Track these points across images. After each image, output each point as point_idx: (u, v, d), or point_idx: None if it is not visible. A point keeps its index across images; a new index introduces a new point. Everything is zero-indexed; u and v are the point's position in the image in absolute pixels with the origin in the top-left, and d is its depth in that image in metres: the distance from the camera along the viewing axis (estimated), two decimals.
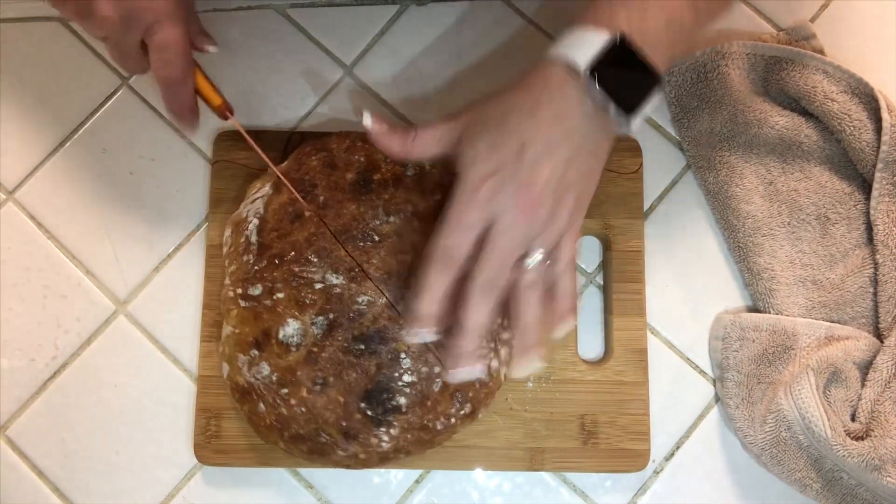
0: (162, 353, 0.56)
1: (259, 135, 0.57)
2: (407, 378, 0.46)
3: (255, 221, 0.50)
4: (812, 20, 0.61)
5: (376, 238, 0.48)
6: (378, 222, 0.49)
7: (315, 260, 0.48)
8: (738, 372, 0.54)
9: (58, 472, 0.55)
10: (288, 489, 0.54)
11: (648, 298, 0.56)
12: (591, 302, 0.57)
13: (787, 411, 0.51)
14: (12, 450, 0.55)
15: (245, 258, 0.49)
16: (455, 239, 0.41)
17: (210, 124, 0.59)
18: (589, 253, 0.58)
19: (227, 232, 0.52)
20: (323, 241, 0.48)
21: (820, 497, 0.52)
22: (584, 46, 0.40)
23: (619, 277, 0.55)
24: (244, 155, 0.57)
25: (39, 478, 0.55)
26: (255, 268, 0.48)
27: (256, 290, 0.48)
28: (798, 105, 0.58)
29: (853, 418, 0.51)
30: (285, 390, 0.47)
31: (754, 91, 0.58)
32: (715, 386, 0.56)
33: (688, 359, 0.56)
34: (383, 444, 0.47)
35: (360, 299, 0.47)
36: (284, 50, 0.60)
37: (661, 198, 0.59)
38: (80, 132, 0.60)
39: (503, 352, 0.49)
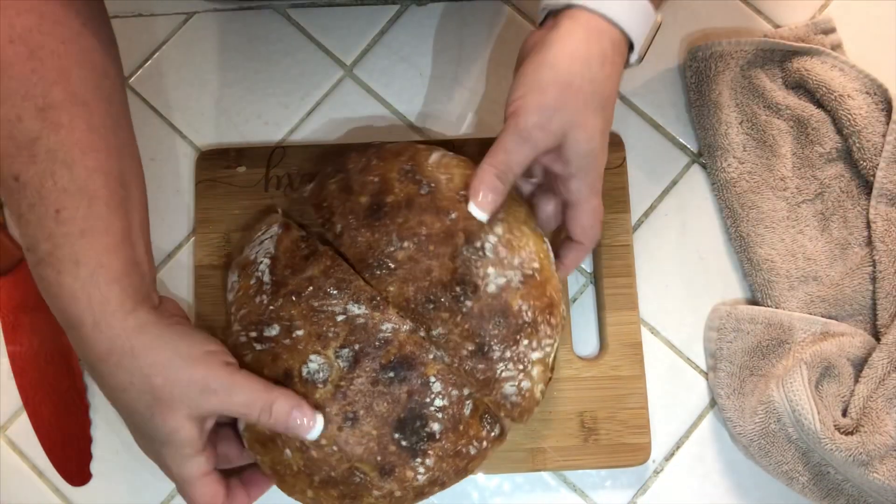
0: None
1: (241, 152, 0.59)
2: (438, 402, 0.47)
3: (267, 261, 0.51)
4: (811, 20, 0.63)
5: (391, 265, 0.48)
6: (392, 248, 0.49)
7: (335, 292, 0.48)
8: (731, 363, 0.56)
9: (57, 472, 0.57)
10: None
11: (648, 298, 0.59)
12: (583, 298, 0.58)
13: (778, 403, 0.53)
14: (12, 450, 0.57)
15: (258, 299, 0.50)
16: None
17: (192, 143, 0.60)
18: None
19: (234, 276, 0.53)
20: (340, 273, 0.49)
21: (806, 491, 0.55)
22: (641, 23, 0.46)
23: (609, 273, 0.58)
24: (227, 174, 0.59)
25: (39, 478, 0.57)
26: (270, 307, 0.49)
27: (273, 331, 0.48)
28: (807, 101, 0.60)
29: (844, 414, 0.54)
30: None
31: (767, 86, 0.60)
32: (707, 376, 0.57)
33: (688, 359, 0.58)
34: (419, 477, 0.48)
35: (384, 327, 0.47)
36: (284, 50, 0.62)
37: (661, 197, 0.61)
38: None
39: (535, 371, 0.49)
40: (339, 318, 0.47)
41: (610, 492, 0.57)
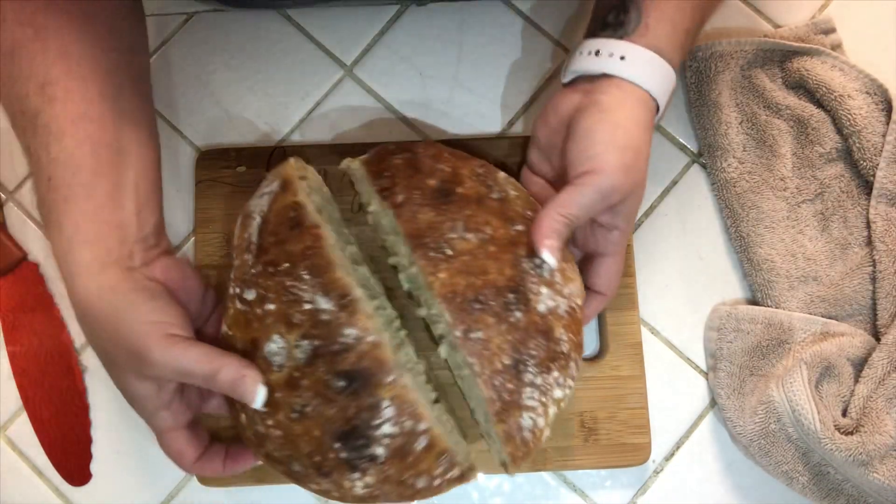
0: None
1: (241, 152, 0.59)
2: (387, 429, 0.43)
3: (258, 220, 0.48)
4: (811, 20, 0.63)
5: (449, 252, 0.46)
6: (454, 235, 0.47)
7: (307, 277, 0.45)
8: (731, 363, 0.57)
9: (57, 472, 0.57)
10: (287, 488, 0.56)
11: (649, 298, 0.59)
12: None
13: (778, 403, 0.53)
14: (12, 450, 0.58)
15: (245, 257, 0.48)
16: None
17: (193, 142, 0.61)
18: None
19: (238, 222, 0.51)
20: (318, 258, 0.45)
21: (806, 491, 0.55)
22: (668, 92, 0.50)
23: None
24: (227, 174, 0.59)
25: (39, 478, 0.57)
26: (252, 271, 0.47)
27: (251, 295, 0.46)
28: (807, 101, 0.60)
29: (844, 414, 0.54)
30: (264, 409, 0.45)
31: (767, 86, 0.61)
32: (707, 376, 0.58)
33: (688, 359, 0.59)
34: (357, 490, 0.45)
35: (347, 332, 0.43)
36: (284, 50, 0.63)
37: (661, 197, 0.61)
38: None
39: (551, 411, 0.47)
40: (306, 306, 0.44)
41: (610, 492, 0.57)
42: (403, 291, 0.54)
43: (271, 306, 0.45)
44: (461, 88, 0.63)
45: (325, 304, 0.44)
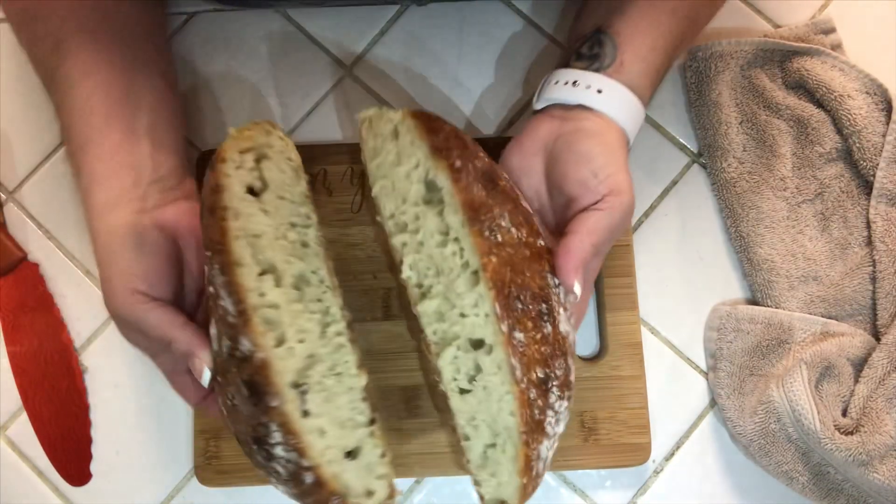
0: None
1: None
2: (280, 451, 0.41)
3: (202, 197, 0.45)
4: (811, 20, 0.63)
5: (499, 238, 0.43)
6: (503, 223, 0.44)
7: (217, 271, 0.41)
8: (731, 363, 0.57)
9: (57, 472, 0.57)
10: None
11: (649, 298, 0.59)
12: None
13: (778, 403, 0.53)
14: (12, 450, 0.58)
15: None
16: None
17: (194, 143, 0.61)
18: None
19: None
20: (225, 255, 0.41)
21: (806, 490, 0.55)
22: (637, 128, 0.50)
23: (610, 273, 0.58)
24: None
25: (39, 478, 0.58)
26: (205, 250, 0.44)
27: (206, 271, 0.44)
28: (807, 101, 0.60)
29: (844, 413, 0.54)
30: (216, 387, 0.45)
31: (767, 86, 0.61)
32: (707, 376, 0.58)
33: (688, 359, 0.59)
34: (282, 492, 0.44)
35: (243, 341, 0.40)
36: (284, 50, 0.63)
37: (661, 196, 0.61)
38: None
39: (556, 446, 0.45)
40: (221, 302, 0.41)
41: (610, 492, 0.57)
42: (402, 286, 0.53)
43: (212, 289, 0.43)
44: (461, 88, 0.63)
45: (229, 305, 0.41)
